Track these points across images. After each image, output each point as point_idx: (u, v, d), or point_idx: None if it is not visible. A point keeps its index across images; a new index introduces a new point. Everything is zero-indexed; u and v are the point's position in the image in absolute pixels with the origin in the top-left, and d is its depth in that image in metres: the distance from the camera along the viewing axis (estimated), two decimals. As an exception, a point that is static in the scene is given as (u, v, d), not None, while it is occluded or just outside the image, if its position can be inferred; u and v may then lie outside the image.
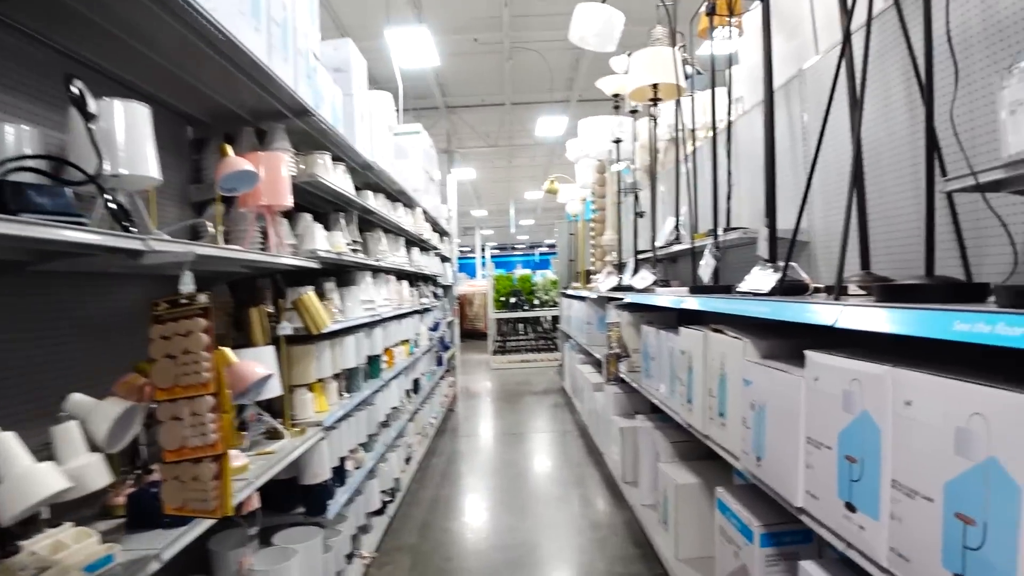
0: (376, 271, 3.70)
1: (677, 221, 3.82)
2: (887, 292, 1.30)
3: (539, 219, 27.51)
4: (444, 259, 7.26)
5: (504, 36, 10.33)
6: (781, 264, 2.10)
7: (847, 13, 1.99)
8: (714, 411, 2.09)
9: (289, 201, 2.19)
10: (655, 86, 3.42)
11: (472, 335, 15.89)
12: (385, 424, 3.70)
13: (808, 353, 1.45)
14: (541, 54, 11.04)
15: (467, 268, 28.15)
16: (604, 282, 4.39)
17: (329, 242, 2.61)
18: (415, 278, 5.37)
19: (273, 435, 2.24)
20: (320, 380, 2.60)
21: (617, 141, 4.31)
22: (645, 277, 3.36)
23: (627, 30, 4.06)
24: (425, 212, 5.32)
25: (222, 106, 2.36)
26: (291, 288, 2.44)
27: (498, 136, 15.07)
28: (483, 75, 12.08)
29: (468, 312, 16.42)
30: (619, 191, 4.67)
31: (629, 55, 4.57)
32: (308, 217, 2.60)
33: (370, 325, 3.39)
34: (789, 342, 1.85)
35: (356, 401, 2.94)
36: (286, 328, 2.28)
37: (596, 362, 5.77)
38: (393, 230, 4.28)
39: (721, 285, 2.50)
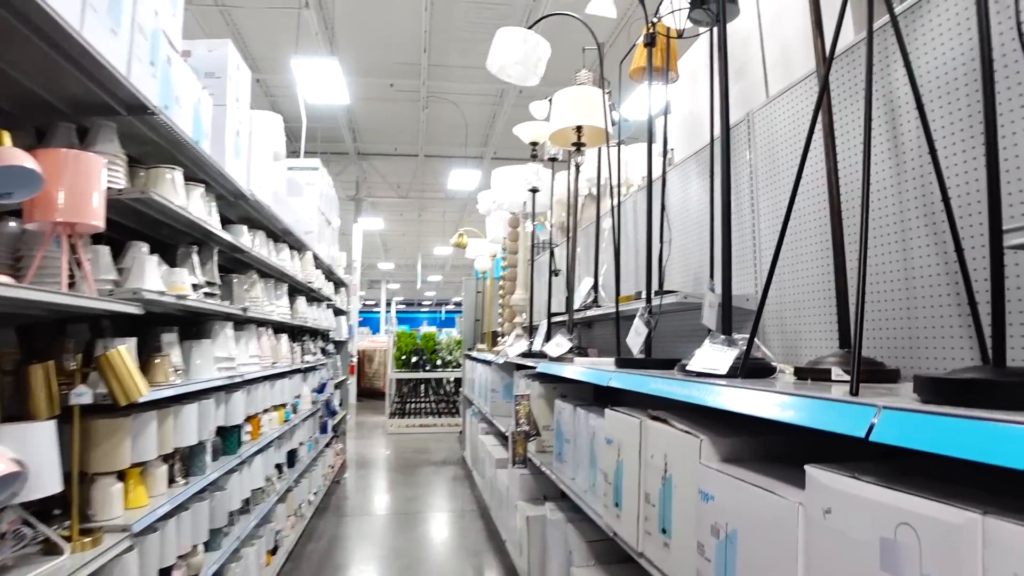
0: (242, 321, 3.08)
1: (596, 282, 3.43)
2: (944, 389, 0.88)
3: (447, 276, 27.07)
4: (339, 312, 6.62)
5: (421, 84, 10.01)
6: (738, 338, 1.70)
7: (823, 39, 1.67)
8: (653, 524, 1.62)
9: (97, 220, 1.60)
10: (579, 129, 3.06)
11: (370, 394, 15.01)
12: (244, 510, 3.02)
13: (813, 472, 1.00)
14: (458, 106, 10.79)
15: (371, 322, 27.20)
16: (512, 346, 3.93)
17: (166, 281, 2.01)
18: (299, 332, 4.73)
19: (50, 549, 1.59)
20: (140, 464, 1.96)
21: (533, 190, 3.92)
22: (560, 344, 2.92)
23: (550, 75, 3.74)
24: (317, 258, 4.73)
25: (32, 93, 1.78)
26: (103, 340, 1.83)
27: (409, 187, 14.65)
28: (397, 123, 11.69)
29: (367, 369, 15.56)
30: (532, 247, 4.27)
31: (550, 101, 4.26)
32: (142, 247, 2.00)
33: (228, 388, 2.76)
34: (760, 441, 1.42)
35: (196, 488, 2.30)
36: (84, 395, 1.65)
37: (500, 434, 5.25)
38: (273, 275, 3.67)
39: (656, 359, 2.07)
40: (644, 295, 2.32)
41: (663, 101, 2.80)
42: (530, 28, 2.83)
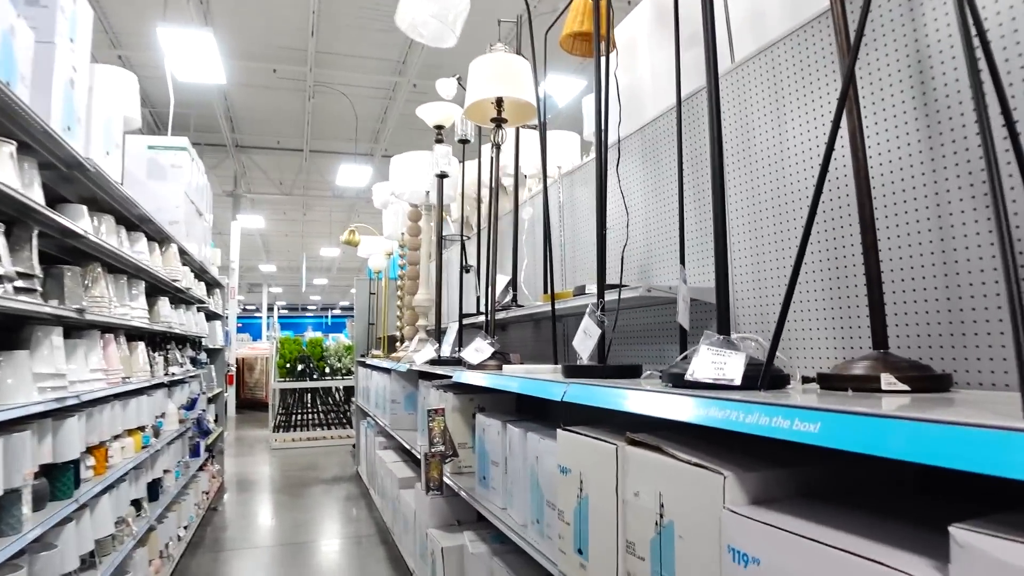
0: (79, 327, 2.45)
1: (515, 280, 3.04)
2: None
3: (334, 278, 25.95)
4: (213, 316, 5.88)
5: (308, 71, 9.28)
6: (740, 338, 1.35)
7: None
8: (638, 583, 1.24)
9: None
10: (500, 102, 2.66)
11: (252, 405, 13.96)
12: (87, 567, 2.39)
13: (960, 534, 0.64)
14: (348, 97, 10.13)
15: (252, 328, 25.65)
16: (418, 353, 3.46)
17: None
18: (162, 339, 4.05)
19: None
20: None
21: (442, 175, 3.48)
22: (480, 349, 2.50)
23: (456, 59, 3.32)
24: (185, 253, 4.06)
25: None
26: None
27: (293, 184, 13.75)
28: (281, 113, 10.85)
29: (247, 379, 14.47)
30: (439, 241, 3.82)
31: (459, 79, 3.83)
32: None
33: (58, 413, 2.14)
34: (792, 474, 1.06)
35: (5, 554, 1.69)
36: None
37: (402, 449, 4.77)
38: (126, 270, 3.03)
39: (614, 366, 1.70)
40: (594, 290, 1.95)
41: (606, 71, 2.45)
42: (446, -24, 2.39)
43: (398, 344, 4.93)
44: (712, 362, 1.23)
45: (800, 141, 1.54)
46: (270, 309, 25.45)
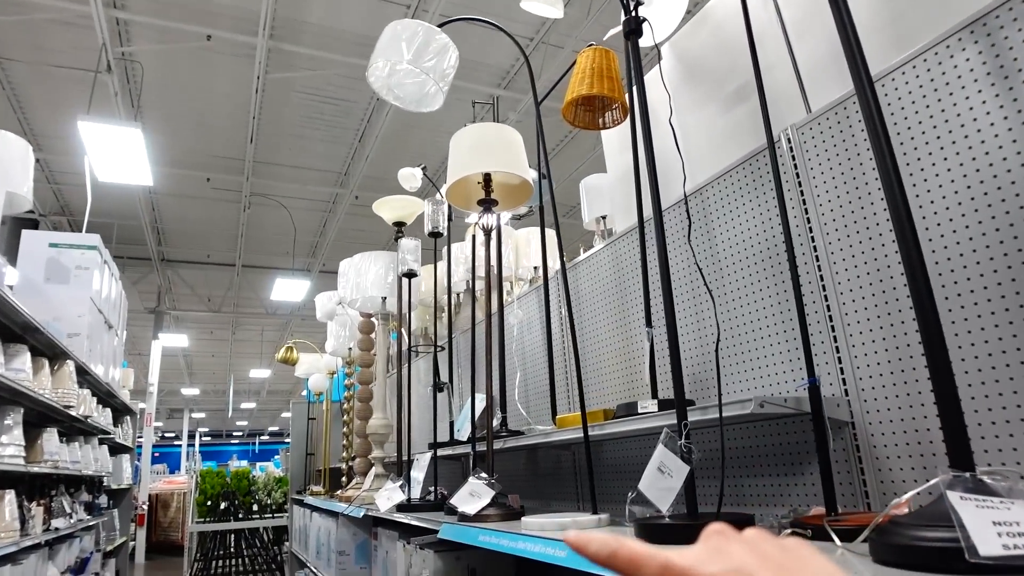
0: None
1: (503, 399, 2.46)
2: None
3: (263, 402, 24.40)
4: (120, 449, 4.98)
5: (244, 180, 8.79)
6: (986, 473, 0.83)
7: None
8: None
9: None
10: (488, 179, 2.18)
11: (165, 549, 12.31)
12: None
13: None
14: (287, 208, 9.66)
15: (170, 458, 23.59)
16: (380, 493, 2.77)
17: None
18: (44, 484, 3.22)
19: None
20: None
21: (409, 275, 2.95)
22: (478, 492, 1.88)
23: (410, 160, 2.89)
24: (85, 373, 3.32)
25: None
26: None
27: (223, 301, 12.93)
28: (213, 225, 10.23)
29: (161, 518, 12.86)
30: (400, 354, 3.23)
31: (423, 168, 3.40)
32: None
33: None
34: None
35: None
36: None
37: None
38: (0, 394, 2.32)
39: (731, 513, 1.14)
40: (651, 407, 1.40)
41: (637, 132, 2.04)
42: (440, 26, 1.95)
43: (343, 479, 4.18)
44: (994, 525, 0.70)
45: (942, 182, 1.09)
46: (191, 436, 23.59)
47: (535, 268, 3.10)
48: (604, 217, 2.61)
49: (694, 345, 1.70)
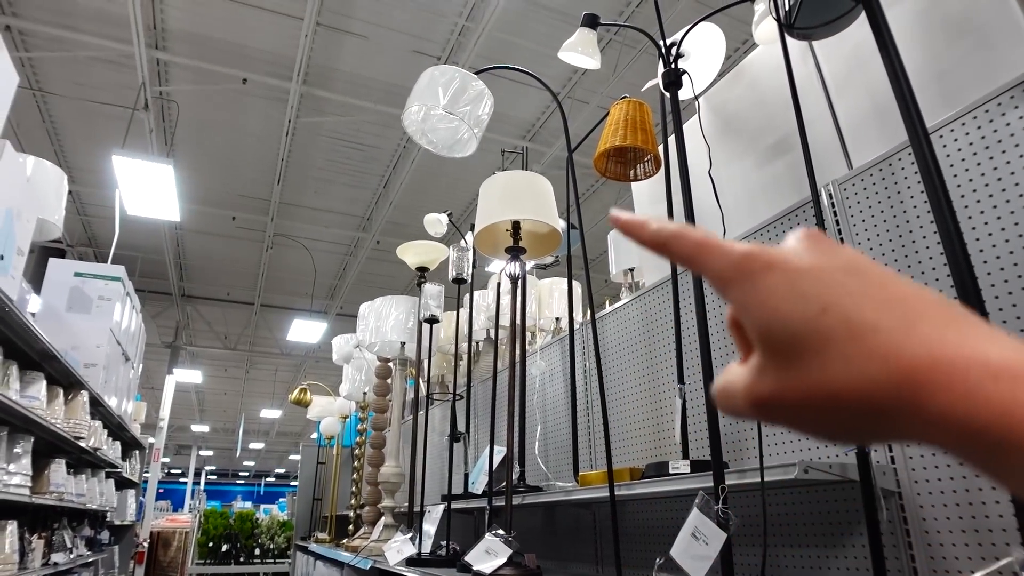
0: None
1: (521, 453, 2.38)
2: None
3: (271, 443, 24.19)
4: (126, 484, 4.91)
5: (269, 221, 8.90)
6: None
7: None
8: None
9: None
10: (516, 227, 2.17)
11: (161, 590, 12.05)
12: None
13: None
14: (308, 250, 9.73)
15: (175, 495, 23.35)
16: (389, 545, 2.68)
17: None
18: (49, 515, 3.16)
19: None
20: None
21: (431, 320, 2.92)
22: (494, 550, 1.80)
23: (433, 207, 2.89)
24: (99, 404, 3.30)
25: None
26: None
27: (239, 339, 12.96)
28: (235, 263, 10.31)
29: (161, 557, 12.61)
30: (416, 400, 3.17)
31: (449, 214, 3.40)
32: None
33: None
34: None
35: None
36: None
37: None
38: (9, 419, 2.28)
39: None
40: (683, 467, 1.34)
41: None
42: (477, 72, 1.96)
43: (351, 528, 4.08)
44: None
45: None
46: (197, 474, 23.39)
47: (556, 319, 3.06)
48: (632, 270, 2.58)
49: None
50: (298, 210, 8.82)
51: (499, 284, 2.82)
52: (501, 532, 1.82)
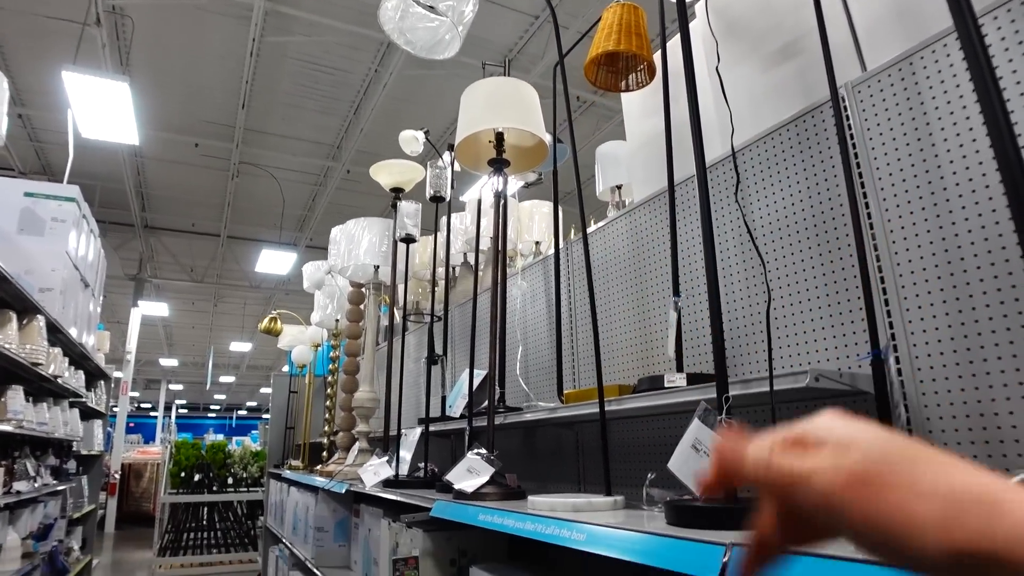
0: None
1: (502, 374, 2.32)
2: None
3: (242, 377, 24.11)
4: (92, 414, 4.80)
5: (234, 148, 8.56)
6: None
7: None
8: None
9: None
10: (500, 138, 2.04)
11: (136, 519, 12.12)
12: None
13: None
14: (276, 179, 9.43)
15: (146, 429, 23.34)
16: (364, 468, 2.64)
17: None
18: (7, 444, 3.05)
19: None
20: None
21: (408, 240, 2.81)
22: (476, 468, 1.75)
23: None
24: (58, 331, 3.15)
25: None
26: None
27: (206, 271, 12.68)
28: (199, 193, 9.97)
29: (134, 488, 12.66)
30: (392, 319, 3.08)
31: (426, 132, 3.25)
32: None
33: None
34: None
35: None
36: None
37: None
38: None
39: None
40: (679, 381, 1.28)
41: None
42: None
43: (324, 454, 4.04)
44: None
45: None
46: (168, 408, 23.32)
47: (537, 243, 2.96)
48: (619, 187, 2.48)
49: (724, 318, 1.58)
50: (264, 137, 8.49)
51: (479, 201, 2.70)
52: (483, 451, 1.77)
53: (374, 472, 2.42)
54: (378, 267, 3.41)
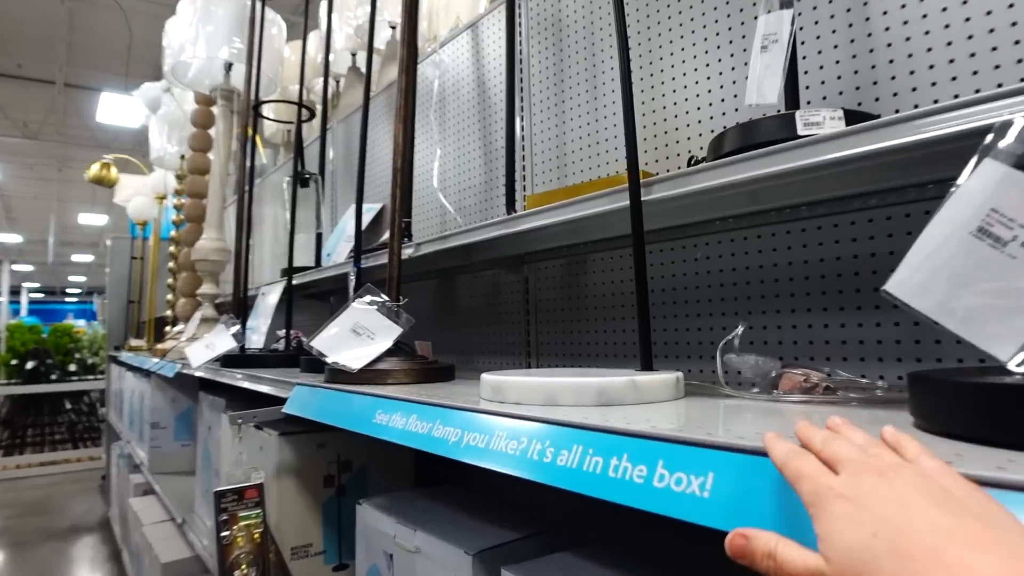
0: None
1: (406, 200, 1.49)
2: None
3: (102, 255, 21.74)
4: None
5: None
6: None
7: None
8: None
9: None
10: None
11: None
12: None
13: None
14: (122, 8, 7.70)
15: (-12, 314, 20.87)
16: (203, 342, 1.78)
17: None
18: None
19: None
20: None
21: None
22: (370, 327, 0.95)
23: None
24: None
25: None
26: None
27: (42, 127, 10.73)
28: (25, 24, 8.04)
29: (-32, 379, 11.09)
30: (245, 147, 2.13)
31: None
32: None
33: None
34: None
35: None
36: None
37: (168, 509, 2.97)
38: None
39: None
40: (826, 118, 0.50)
41: None
42: None
43: (167, 328, 3.13)
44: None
45: None
46: (15, 292, 20.90)
47: (457, 17, 2.06)
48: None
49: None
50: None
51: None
52: (380, 297, 0.97)
53: (206, 345, 1.58)
54: (231, 66, 2.43)
